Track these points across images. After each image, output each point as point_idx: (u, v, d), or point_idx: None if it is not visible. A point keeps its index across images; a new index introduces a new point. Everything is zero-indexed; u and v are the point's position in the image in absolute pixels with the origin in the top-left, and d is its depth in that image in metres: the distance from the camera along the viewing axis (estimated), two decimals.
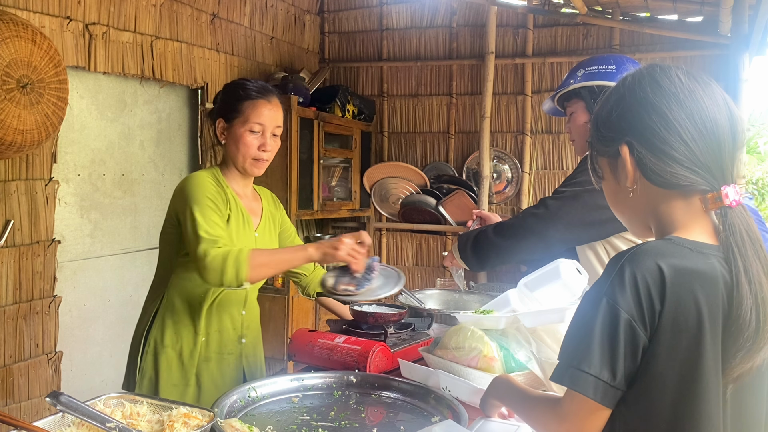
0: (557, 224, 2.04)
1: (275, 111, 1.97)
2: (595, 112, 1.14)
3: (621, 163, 1.07)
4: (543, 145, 4.74)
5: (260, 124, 1.93)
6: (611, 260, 1.02)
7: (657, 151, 1.02)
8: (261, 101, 1.94)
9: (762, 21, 3.52)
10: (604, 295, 0.97)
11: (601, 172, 1.14)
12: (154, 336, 1.94)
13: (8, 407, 2.88)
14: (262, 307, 2.20)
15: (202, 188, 1.87)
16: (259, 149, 1.95)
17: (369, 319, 2.04)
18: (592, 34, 4.57)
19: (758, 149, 9.93)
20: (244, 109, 1.93)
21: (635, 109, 1.05)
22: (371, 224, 5.13)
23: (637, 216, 1.12)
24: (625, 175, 1.06)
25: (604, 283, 0.99)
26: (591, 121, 1.16)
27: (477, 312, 1.82)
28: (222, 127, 1.98)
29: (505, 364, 1.60)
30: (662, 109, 1.03)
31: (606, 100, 1.12)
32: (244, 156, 1.95)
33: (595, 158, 1.15)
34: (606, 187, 1.15)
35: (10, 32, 2.45)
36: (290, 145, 4.02)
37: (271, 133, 1.97)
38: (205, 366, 1.94)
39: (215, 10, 4.01)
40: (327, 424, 1.45)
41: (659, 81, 1.05)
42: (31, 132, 2.56)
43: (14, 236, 2.89)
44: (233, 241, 1.88)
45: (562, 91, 2.20)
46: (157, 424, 1.32)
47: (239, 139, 1.94)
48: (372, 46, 5.14)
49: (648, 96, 1.04)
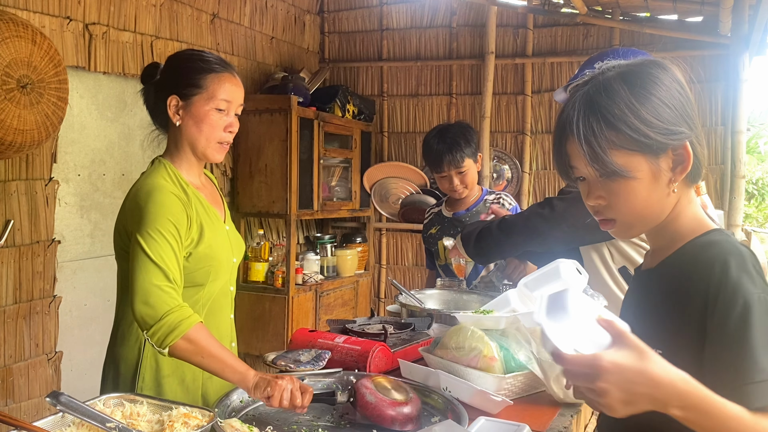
0: (562, 225, 2.04)
1: (240, 87, 1.72)
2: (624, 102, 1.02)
3: (668, 159, 1.04)
4: (543, 145, 4.73)
5: (227, 101, 1.67)
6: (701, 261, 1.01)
7: (702, 147, 1.06)
8: (226, 75, 1.68)
9: (762, 21, 3.52)
10: (752, 294, 0.95)
11: (623, 170, 1.03)
12: (148, 366, 1.64)
13: (8, 407, 2.88)
14: (261, 307, 2.18)
15: (165, 209, 1.57)
16: (225, 130, 1.68)
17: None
18: (592, 34, 4.57)
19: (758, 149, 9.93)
20: (208, 84, 1.65)
21: (691, 105, 1.05)
22: (371, 224, 5.13)
23: (656, 214, 1.08)
24: (678, 171, 1.05)
25: (743, 282, 0.96)
26: (618, 117, 1.02)
27: (477, 312, 1.82)
28: (176, 105, 1.67)
29: (505, 364, 1.60)
30: (693, 104, 1.06)
31: (647, 91, 1.03)
32: (208, 138, 1.67)
33: (611, 154, 1.03)
34: (631, 185, 1.05)
35: (10, 32, 2.45)
36: (290, 145, 4.01)
37: (234, 113, 1.71)
38: (209, 384, 1.72)
39: (215, 10, 4.01)
40: (327, 424, 1.45)
41: (680, 77, 1.07)
42: (31, 132, 2.56)
43: (14, 236, 2.89)
44: (213, 250, 1.66)
45: (577, 81, 2.19)
46: (157, 424, 1.32)
47: (203, 118, 1.65)
48: (372, 46, 5.14)
49: (689, 93, 1.05)
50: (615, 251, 2.06)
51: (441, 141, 2.65)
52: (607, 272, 2.07)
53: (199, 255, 1.64)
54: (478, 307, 2.03)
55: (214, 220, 1.72)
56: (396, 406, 1.42)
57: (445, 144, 2.64)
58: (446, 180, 2.70)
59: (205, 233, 1.65)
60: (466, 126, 2.78)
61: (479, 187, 2.81)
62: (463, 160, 2.64)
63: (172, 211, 1.57)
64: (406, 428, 1.40)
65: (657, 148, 1.03)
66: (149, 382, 1.63)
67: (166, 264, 1.51)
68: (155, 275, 1.49)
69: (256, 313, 4.05)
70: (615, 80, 1.05)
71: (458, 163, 2.63)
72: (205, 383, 1.71)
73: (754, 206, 9.49)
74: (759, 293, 0.96)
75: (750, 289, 0.96)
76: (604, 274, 2.08)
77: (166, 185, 1.62)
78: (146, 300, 1.47)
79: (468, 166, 2.66)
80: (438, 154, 2.65)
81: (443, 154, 2.63)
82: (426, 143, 2.73)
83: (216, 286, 1.72)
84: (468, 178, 2.68)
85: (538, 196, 4.73)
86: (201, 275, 1.67)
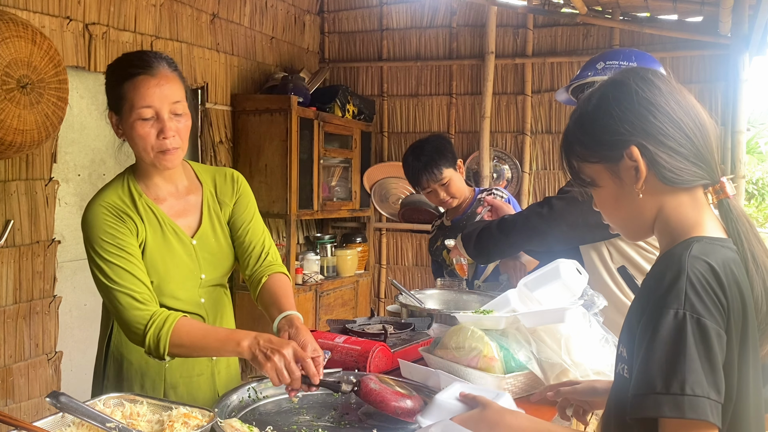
0: (561, 224, 2.05)
1: (165, 84, 1.52)
2: (577, 120, 1.11)
3: (627, 167, 1.05)
4: (543, 145, 4.74)
5: (149, 107, 1.50)
6: (656, 272, 1.00)
7: (668, 149, 1.03)
8: (142, 78, 1.51)
9: (762, 21, 3.52)
10: (684, 309, 0.93)
11: (592, 180, 1.10)
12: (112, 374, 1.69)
13: (8, 407, 2.88)
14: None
15: (96, 228, 1.54)
16: (159, 138, 1.53)
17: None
18: (592, 34, 4.58)
19: (758, 149, 9.94)
20: (126, 93, 1.51)
21: (638, 110, 1.05)
22: (371, 224, 5.13)
23: (639, 219, 1.10)
24: (636, 177, 1.05)
25: (671, 296, 0.94)
26: (571, 132, 1.12)
27: (477, 312, 1.82)
28: (115, 122, 1.57)
29: (505, 364, 1.60)
30: (665, 108, 1.04)
31: (594, 106, 1.08)
32: (145, 150, 1.54)
33: (580, 167, 1.11)
34: (602, 194, 1.11)
35: (10, 32, 2.45)
36: (290, 145, 4.02)
37: (169, 113, 1.53)
38: (172, 393, 1.68)
39: (215, 10, 4.01)
40: (327, 424, 1.45)
41: (654, 81, 1.06)
42: (31, 132, 2.56)
43: (14, 236, 2.89)
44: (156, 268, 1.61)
45: (579, 82, 2.20)
46: (157, 424, 1.32)
47: (131, 131, 1.53)
48: (372, 46, 5.14)
49: (649, 96, 1.05)
50: (614, 251, 2.06)
51: (416, 159, 2.68)
52: (607, 272, 2.08)
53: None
54: (478, 307, 2.03)
55: (170, 235, 1.63)
56: (399, 397, 1.43)
57: (421, 162, 2.66)
58: (433, 194, 2.72)
59: (147, 249, 1.59)
60: (441, 138, 2.81)
61: (471, 188, 2.82)
62: (442, 173, 2.66)
63: (103, 228, 1.54)
64: (408, 419, 1.41)
65: (609, 157, 1.07)
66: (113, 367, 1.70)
67: (122, 284, 1.51)
68: (119, 299, 1.50)
69: (256, 313, 4.03)
70: (586, 97, 1.12)
71: (437, 176, 2.65)
72: (167, 393, 1.68)
73: (754, 206, 9.50)
74: (676, 308, 0.93)
75: (670, 301, 0.93)
76: (604, 274, 2.09)
77: (104, 198, 1.58)
78: (127, 328, 1.51)
79: (449, 175, 2.67)
80: (415, 172, 2.68)
81: (420, 171, 2.66)
82: (404, 163, 2.76)
83: (168, 302, 1.64)
84: (453, 188, 2.70)
85: (538, 196, 4.73)
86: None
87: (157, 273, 1.62)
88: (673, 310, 0.93)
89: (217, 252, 1.73)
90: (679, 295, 0.94)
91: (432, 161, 2.65)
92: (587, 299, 1.77)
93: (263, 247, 1.78)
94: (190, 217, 1.69)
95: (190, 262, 1.67)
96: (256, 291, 1.76)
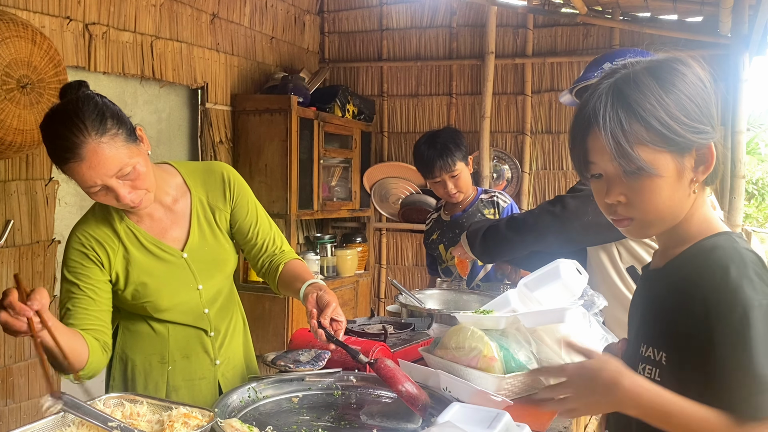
0: (574, 224, 2.00)
1: (98, 164, 1.41)
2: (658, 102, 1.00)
3: (698, 160, 1.03)
4: (543, 145, 4.73)
5: (92, 185, 1.44)
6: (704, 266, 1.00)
7: (722, 146, 1.05)
8: (72, 164, 1.41)
9: (762, 21, 3.52)
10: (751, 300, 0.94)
11: (650, 167, 1.00)
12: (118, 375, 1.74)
13: (8, 407, 2.88)
14: (261, 308, 2.12)
15: (66, 255, 1.60)
16: (119, 202, 1.49)
17: None
18: (592, 34, 4.57)
19: (758, 150, 9.94)
20: (66, 173, 1.45)
21: (709, 102, 1.03)
22: (371, 224, 5.13)
23: (676, 213, 1.06)
24: (702, 171, 1.03)
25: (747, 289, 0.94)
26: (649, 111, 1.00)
27: (477, 312, 1.82)
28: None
29: (505, 364, 1.60)
30: (716, 103, 1.05)
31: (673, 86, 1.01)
32: (113, 207, 1.57)
33: (639, 151, 1.00)
34: (656, 183, 1.02)
35: (10, 32, 2.45)
36: (290, 145, 4.02)
37: (116, 180, 1.45)
38: (174, 396, 1.69)
39: (215, 10, 4.01)
40: (327, 424, 1.45)
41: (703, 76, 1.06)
42: (31, 132, 2.56)
43: (14, 236, 2.89)
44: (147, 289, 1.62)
45: (583, 83, 2.17)
46: (157, 424, 1.32)
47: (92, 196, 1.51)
48: (372, 46, 5.14)
49: (709, 90, 1.04)
50: (624, 251, 2.03)
51: (431, 147, 2.67)
52: (616, 272, 2.04)
53: (131, 294, 1.63)
54: (478, 307, 2.03)
55: (156, 254, 1.63)
56: (408, 382, 1.46)
57: (436, 150, 2.66)
58: (440, 185, 2.71)
59: (132, 272, 1.60)
60: (455, 131, 2.82)
61: (474, 187, 2.83)
62: (455, 164, 2.66)
63: (71, 258, 1.60)
64: (409, 404, 1.42)
65: (684, 146, 1.01)
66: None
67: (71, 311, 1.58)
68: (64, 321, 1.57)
69: (256, 313, 4.04)
70: (643, 74, 1.03)
71: (450, 167, 2.65)
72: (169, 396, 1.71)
73: (754, 206, 9.50)
74: (760, 299, 0.94)
75: (750, 295, 0.94)
76: (612, 274, 2.05)
77: (82, 227, 1.61)
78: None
79: (460, 169, 2.68)
80: (430, 160, 2.67)
81: (435, 159, 2.65)
82: (417, 150, 2.74)
83: (168, 316, 1.68)
84: (461, 182, 2.70)
85: (538, 196, 4.73)
86: (148, 309, 1.66)
87: (149, 292, 1.63)
88: (756, 300, 0.94)
89: (212, 259, 1.71)
90: (755, 287, 0.94)
91: (447, 150, 2.65)
92: (587, 299, 1.77)
93: (275, 244, 1.82)
94: (178, 229, 1.67)
95: (183, 276, 1.67)
96: (275, 279, 1.77)
